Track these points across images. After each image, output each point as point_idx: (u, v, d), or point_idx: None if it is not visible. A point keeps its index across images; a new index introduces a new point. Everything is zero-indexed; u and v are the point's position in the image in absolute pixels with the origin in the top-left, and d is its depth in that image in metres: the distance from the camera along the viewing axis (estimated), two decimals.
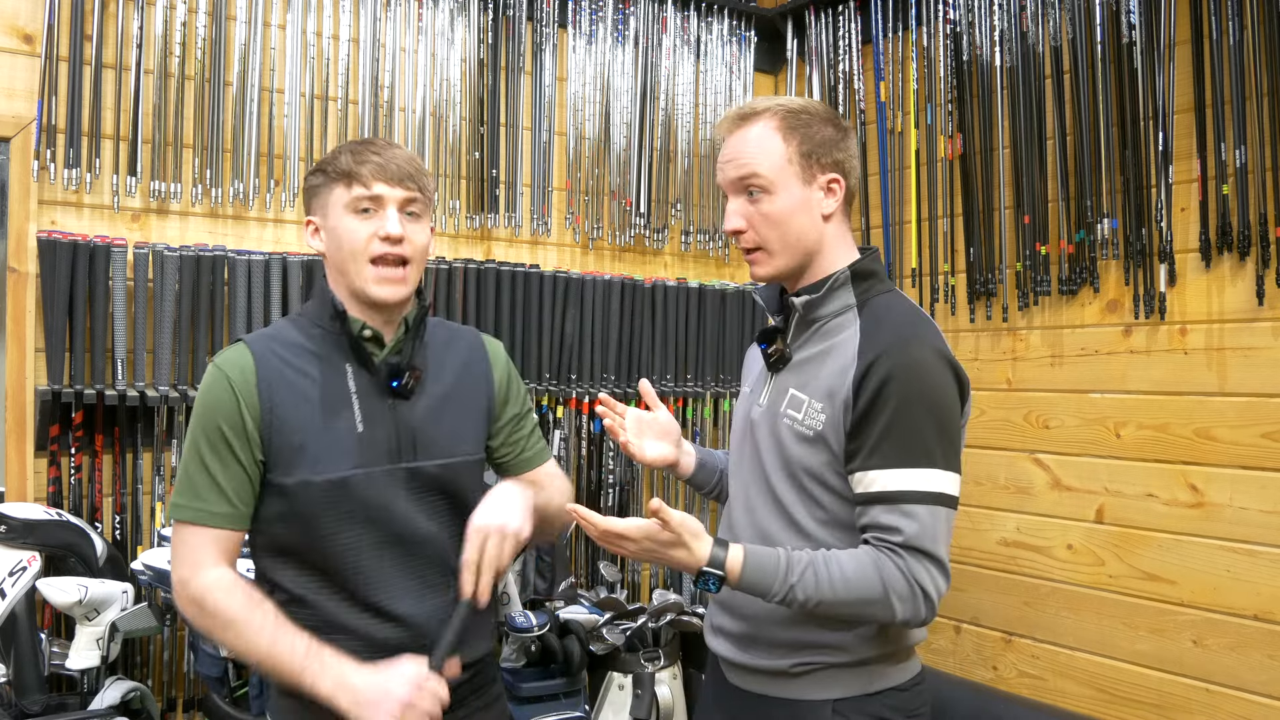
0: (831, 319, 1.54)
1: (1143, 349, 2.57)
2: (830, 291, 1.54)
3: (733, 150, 1.54)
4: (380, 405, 1.51)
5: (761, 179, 1.51)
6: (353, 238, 1.48)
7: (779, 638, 1.55)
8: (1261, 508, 2.35)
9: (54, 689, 2.21)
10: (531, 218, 3.08)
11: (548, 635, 2.59)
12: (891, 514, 1.41)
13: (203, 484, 1.44)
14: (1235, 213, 2.36)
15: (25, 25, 2.37)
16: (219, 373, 1.47)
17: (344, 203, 1.49)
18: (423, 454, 1.53)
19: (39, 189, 2.38)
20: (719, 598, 1.63)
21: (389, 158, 1.49)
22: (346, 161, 1.49)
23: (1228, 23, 2.34)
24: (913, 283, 3.09)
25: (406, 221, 1.50)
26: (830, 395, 1.49)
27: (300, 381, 1.48)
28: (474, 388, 1.63)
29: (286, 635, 1.40)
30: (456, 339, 1.67)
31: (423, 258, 1.54)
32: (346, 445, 1.47)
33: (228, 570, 1.45)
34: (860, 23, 3.27)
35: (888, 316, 1.52)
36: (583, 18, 3.14)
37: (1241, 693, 2.36)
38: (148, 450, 2.51)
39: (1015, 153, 2.80)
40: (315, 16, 2.71)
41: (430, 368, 1.58)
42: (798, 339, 1.58)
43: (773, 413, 1.57)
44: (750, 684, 1.60)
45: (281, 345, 1.51)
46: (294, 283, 2.60)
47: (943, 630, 3.05)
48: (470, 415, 1.61)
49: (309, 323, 1.55)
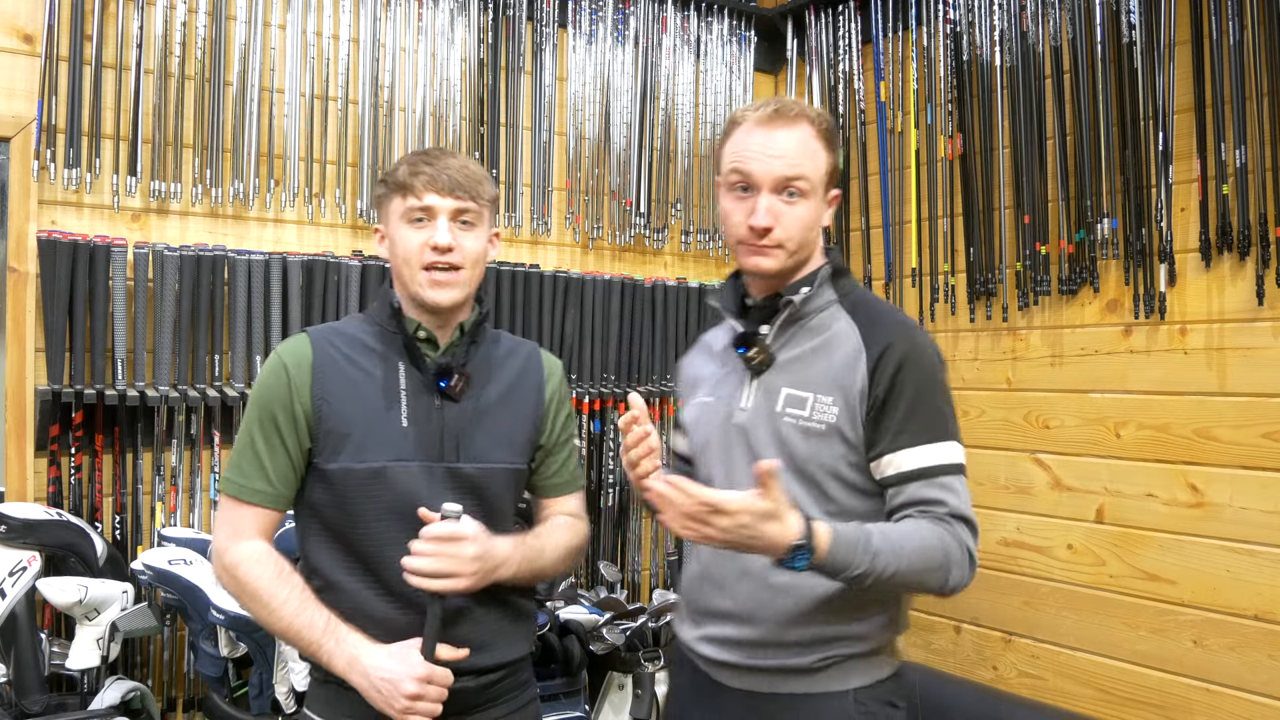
0: (817, 315, 1.59)
1: (1143, 349, 2.57)
2: (819, 287, 1.58)
3: (782, 147, 1.53)
4: (428, 404, 1.56)
5: (807, 182, 1.54)
6: (406, 246, 1.54)
7: (799, 637, 1.54)
8: (1261, 508, 2.35)
9: (54, 689, 2.20)
10: (531, 218, 3.08)
11: (548, 635, 2.59)
12: (931, 488, 1.48)
13: (249, 463, 1.53)
14: (1235, 213, 2.36)
15: (25, 25, 2.37)
16: (278, 360, 1.55)
17: (400, 213, 1.56)
18: (464, 456, 1.56)
19: (39, 189, 2.38)
20: (720, 608, 1.61)
21: (441, 168, 1.54)
22: (403, 173, 1.56)
23: (1228, 23, 2.34)
24: (913, 283, 3.09)
25: (458, 230, 1.55)
26: (841, 387, 1.51)
27: (353, 373, 1.55)
28: (524, 399, 1.66)
29: (308, 610, 1.48)
30: (517, 351, 1.70)
31: (477, 264, 1.58)
32: (390, 437, 1.53)
33: (262, 544, 1.53)
34: (860, 23, 3.27)
35: (877, 308, 1.60)
36: (583, 18, 3.14)
37: (1242, 693, 2.36)
38: (148, 450, 2.51)
39: (1015, 153, 2.80)
40: (315, 16, 2.71)
41: (483, 374, 1.62)
42: (780, 338, 1.59)
43: (768, 414, 1.56)
44: (759, 685, 1.58)
45: (340, 338, 1.59)
46: (294, 283, 2.60)
47: (943, 630, 3.05)
48: (517, 425, 1.64)
49: (370, 321, 1.62)
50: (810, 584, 1.50)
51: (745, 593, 1.56)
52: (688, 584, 1.69)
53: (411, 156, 1.59)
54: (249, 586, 1.50)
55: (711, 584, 1.61)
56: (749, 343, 1.59)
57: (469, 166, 1.58)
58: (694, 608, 1.66)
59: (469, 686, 1.54)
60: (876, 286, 3.24)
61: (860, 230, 3.31)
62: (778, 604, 1.53)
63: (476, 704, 1.57)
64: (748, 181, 1.55)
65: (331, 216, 2.76)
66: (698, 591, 1.65)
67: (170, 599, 2.23)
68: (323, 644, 1.47)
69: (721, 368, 1.67)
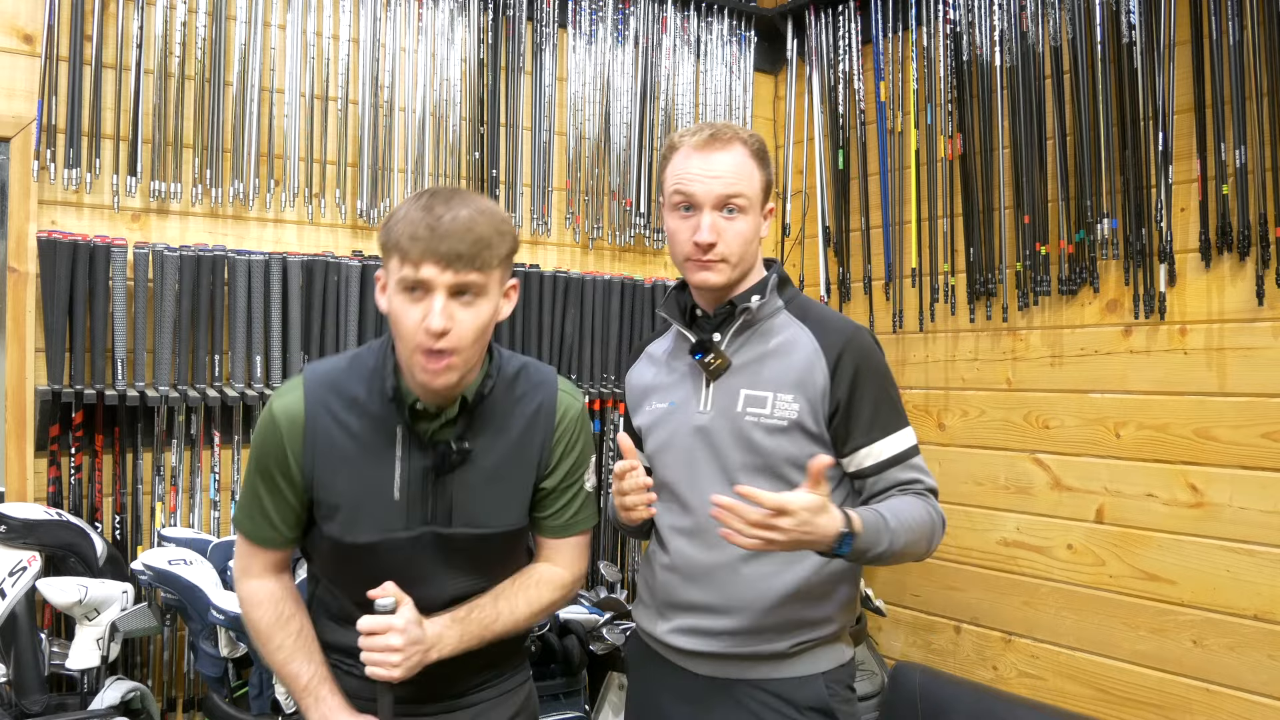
0: (767, 320, 1.70)
1: (1143, 349, 2.57)
2: (770, 294, 1.70)
3: (720, 167, 1.64)
4: (422, 473, 1.49)
5: (744, 199, 1.65)
6: (401, 323, 1.39)
7: (774, 623, 1.64)
8: (1261, 508, 2.35)
9: (54, 689, 2.20)
10: (531, 218, 3.08)
11: (548, 635, 2.59)
12: (907, 470, 1.65)
13: (254, 508, 1.53)
14: (1235, 213, 2.36)
15: (25, 25, 2.37)
16: (271, 417, 1.49)
17: (396, 278, 1.39)
18: (458, 522, 1.50)
19: (39, 189, 2.38)
20: (692, 600, 1.68)
21: (445, 231, 1.34)
22: (401, 233, 1.36)
23: (1228, 23, 2.34)
24: (913, 283, 3.09)
25: (457, 309, 1.37)
26: (801, 386, 1.64)
27: (345, 442, 1.48)
28: (527, 455, 1.55)
29: (297, 661, 1.51)
30: (532, 392, 1.56)
31: (479, 339, 1.42)
32: (381, 511, 1.48)
33: (268, 583, 1.56)
34: (860, 23, 3.27)
35: (823, 313, 1.73)
36: (583, 18, 3.14)
37: (1241, 693, 2.36)
38: (148, 450, 2.51)
39: (1015, 153, 2.80)
40: (315, 16, 2.71)
41: (487, 434, 1.51)
42: (734, 343, 1.69)
43: (729, 415, 1.66)
44: (734, 671, 1.67)
45: (337, 396, 1.49)
46: (294, 283, 2.60)
47: (943, 630, 3.05)
48: (517, 487, 1.56)
49: (373, 373, 1.50)
50: (781, 573, 1.63)
51: (719, 584, 1.65)
52: (653, 579, 1.76)
53: (416, 208, 1.37)
54: (250, 624, 1.56)
55: (682, 577, 1.69)
56: (705, 349, 1.68)
57: (476, 227, 1.36)
58: (662, 601, 1.73)
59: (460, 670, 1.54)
60: (877, 287, 3.24)
61: (860, 230, 3.31)
62: (752, 593, 1.63)
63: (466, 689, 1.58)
64: (690, 202, 1.65)
65: (331, 216, 2.76)
66: (666, 585, 1.72)
67: (170, 599, 2.23)
68: (303, 699, 1.50)
69: (670, 374, 1.76)
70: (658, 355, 1.82)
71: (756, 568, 1.63)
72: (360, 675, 1.45)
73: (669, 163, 1.69)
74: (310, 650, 1.53)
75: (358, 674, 1.46)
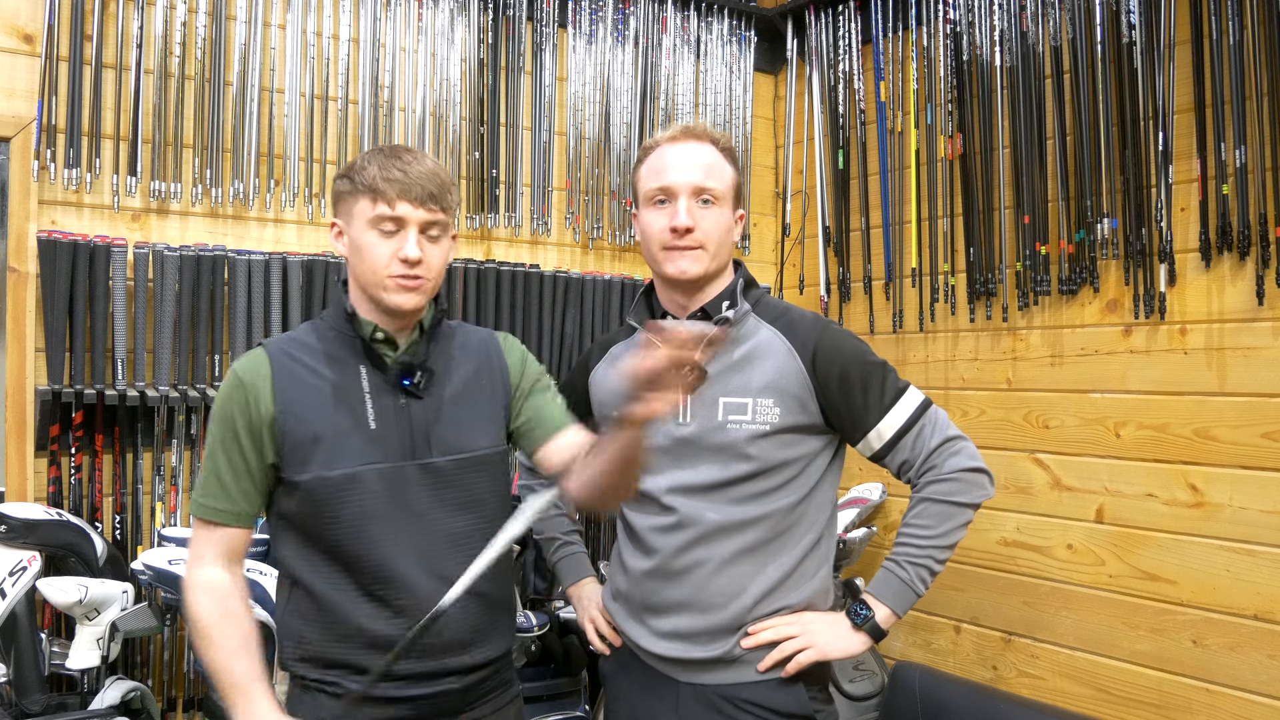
0: (739, 326, 1.72)
1: (1143, 349, 2.58)
2: (740, 300, 1.73)
3: (695, 158, 1.69)
4: (393, 403, 1.55)
5: (718, 189, 1.69)
6: (374, 255, 1.51)
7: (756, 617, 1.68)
8: (1261, 508, 2.35)
9: (54, 689, 2.21)
10: (531, 218, 3.08)
11: (548, 635, 2.59)
12: (919, 437, 1.69)
13: (212, 482, 1.52)
14: (1235, 213, 2.36)
15: (25, 25, 2.37)
16: (235, 378, 1.53)
17: (367, 218, 1.52)
18: (437, 450, 1.55)
19: (39, 189, 2.38)
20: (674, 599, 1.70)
21: (415, 176, 1.50)
22: (373, 175, 1.51)
23: (1228, 23, 2.34)
24: (913, 283, 3.09)
25: (426, 244, 1.52)
26: (779, 390, 1.66)
27: (314, 381, 1.54)
28: (490, 380, 1.65)
29: (239, 659, 1.46)
30: (472, 339, 1.69)
31: (441, 272, 1.57)
32: (359, 441, 1.52)
33: (219, 572, 1.52)
34: (860, 22, 3.27)
35: (790, 313, 1.75)
36: (583, 18, 3.14)
37: (1241, 693, 2.37)
38: (148, 450, 2.51)
39: (1015, 153, 2.80)
40: (315, 16, 2.71)
41: (446, 367, 1.61)
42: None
43: (713, 425, 1.68)
44: (715, 677, 1.68)
45: (298, 348, 1.57)
46: (294, 283, 2.60)
47: (943, 630, 3.05)
48: (487, 408, 1.63)
49: (326, 327, 1.60)
50: (764, 568, 1.66)
51: (701, 580, 1.66)
52: (632, 583, 1.76)
53: (381, 155, 1.53)
54: (191, 615, 1.49)
55: (662, 577, 1.70)
56: None
57: (439, 174, 1.54)
58: (641, 604, 1.74)
59: (453, 689, 1.54)
60: (877, 287, 3.24)
61: (860, 230, 3.31)
62: (735, 587, 1.66)
63: (460, 706, 1.57)
64: (666, 192, 1.69)
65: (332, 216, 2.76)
66: (645, 588, 1.72)
67: (170, 599, 2.23)
68: (235, 697, 1.44)
69: None
70: (624, 360, 1.76)
71: (740, 565, 1.67)
72: (341, 695, 1.49)
73: (644, 163, 1.73)
74: (252, 652, 1.47)
75: (340, 694, 1.50)
